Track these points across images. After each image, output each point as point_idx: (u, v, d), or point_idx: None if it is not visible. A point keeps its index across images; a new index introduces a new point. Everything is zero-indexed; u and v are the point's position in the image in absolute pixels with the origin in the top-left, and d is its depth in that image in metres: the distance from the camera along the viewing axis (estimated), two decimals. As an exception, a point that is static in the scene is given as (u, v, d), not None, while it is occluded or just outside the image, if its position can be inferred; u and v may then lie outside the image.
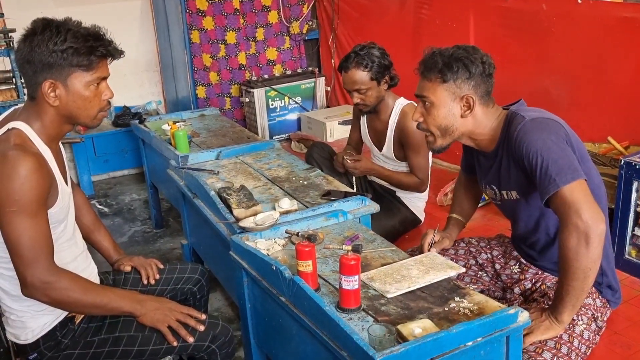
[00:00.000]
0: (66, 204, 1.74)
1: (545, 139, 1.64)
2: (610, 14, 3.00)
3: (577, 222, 1.55)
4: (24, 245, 1.55)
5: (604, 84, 3.11)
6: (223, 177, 2.56)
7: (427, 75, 1.80)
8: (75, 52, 1.60)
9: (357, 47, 2.69)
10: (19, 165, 1.53)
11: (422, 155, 2.75)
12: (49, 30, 1.59)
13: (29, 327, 1.72)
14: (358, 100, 2.73)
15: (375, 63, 2.64)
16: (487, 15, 3.67)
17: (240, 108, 5.20)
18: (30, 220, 1.55)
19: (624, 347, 1.86)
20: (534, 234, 1.87)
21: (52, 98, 1.63)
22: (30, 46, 1.59)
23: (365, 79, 2.66)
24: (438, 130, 1.83)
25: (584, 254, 1.55)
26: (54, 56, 1.59)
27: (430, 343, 1.32)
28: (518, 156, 1.69)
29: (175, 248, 3.69)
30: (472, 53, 1.78)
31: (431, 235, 1.96)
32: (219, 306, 3.00)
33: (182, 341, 1.76)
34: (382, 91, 2.73)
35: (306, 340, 1.61)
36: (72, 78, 1.63)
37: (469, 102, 1.78)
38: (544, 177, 1.61)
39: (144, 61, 5.07)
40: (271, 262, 1.66)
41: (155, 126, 3.39)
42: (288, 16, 5.23)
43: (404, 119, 2.71)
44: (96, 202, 4.50)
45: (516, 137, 1.69)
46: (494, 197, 1.94)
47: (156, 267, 2.10)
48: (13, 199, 1.53)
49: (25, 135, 1.63)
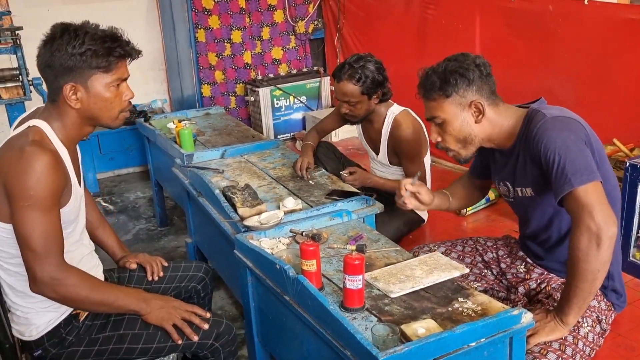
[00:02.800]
0: (77, 205, 1.76)
1: (564, 138, 1.64)
2: (617, 15, 2.99)
3: (589, 224, 1.55)
4: (35, 240, 1.56)
5: (610, 85, 3.10)
6: (228, 176, 2.57)
7: (430, 97, 1.82)
8: (93, 54, 1.62)
9: (353, 58, 2.64)
10: (35, 161, 1.54)
11: (417, 163, 2.73)
12: (67, 34, 1.61)
13: (34, 324, 1.73)
14: (346, 111, 2.70)
15: (369, 78, 2.59)
16: (493, 16, 3.67)
17: (246, 107, 5.21)
18: (44, 216, 1.57)
19: (627, 349, 1.85)
20: (545, 232, 1.87)
21: (73, 101, 1.65)
22: (50, 51, 1.61)
23: (355, 92, 2.61)
24: (458, 144, 1.84)
25: (594, 256, 1.55)
26: (74, 59, 1.61)
27: (433, 343, 1.33)
28: (535, 153, 1.69)
29: (180, 246, 3.70)
30: (464, 61, 1.79)
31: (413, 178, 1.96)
32: (223, 304, 3.01)
33: (186, 339, 1.77)
34: (372, 105, 2.68)
35: (310, 339, 1.61)
36: (92, 80, 1.65)
37: (479, 107, 1.78)
38: (559, 176, 1.61)
39: (150, 59, 5.08)
40: (275, 261, 1.67)
41: (161, 124, 3.40)
42: (294, 15, 5.23)
43: (397, 128, 2.68)
44: (101, 199, 4.51)
45: (535, 134, 1.69)
46: (506, 193, 1.93)
47: (161, 264, 2.11)
48: (28, 194, 1.54)
49: (43, 133, 1.65)
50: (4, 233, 1.63)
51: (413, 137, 2.67)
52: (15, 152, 1.57)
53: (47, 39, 1.64)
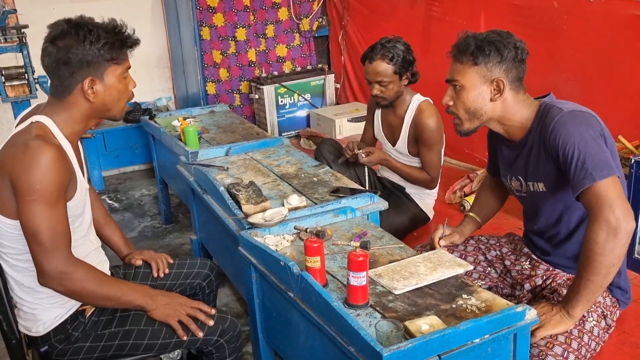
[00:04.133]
0: (83, 199, 1.77)
1: (583, 133, 1.63)
2: (622, 12, 2.98)
3: (609, 217, 1.55)
4: (43, 234, 1.57)
5: (615, 82, 3.09)
6: (232, 173, 2.58)
7: (459, 58, 1.80)
8: (111, 46, 1.65)
9: (384, 39, 2.70)
10: (40, 155, 1.55)
11: (435, 152, 2.75)
12: (81, 30, 1.62)
13: (41, 320, 1.74)
14: (378, 92, 2.73)
15: (401, 57, 2.66)
16: (498, 13, 3.66)
17: (250, 105, 5.22)
18: (50, 210, 1.57)
19: (632, 346, 1.85)
20: (554, 228, 1.86)
21: (91, 95, 1.67)
22: (65, 47, 1.62)
23: (389, 71, 2.67)
24: (466, 114, 1.83)
25: (611, 250, 1.55)
26: (92, 54, 1.63)
27: (437, 339, 1.33)
28: (552, 147, 1.68)
29: (185, 243, 3.71)
30: (506, 37, 1.78)
31: (441, 230, 1.96)
32: (228, 301, 3.02)
33: (191, 335, 1.78)
34: (402, 86, 2.74)
35: (314, 336, 1.62)
36: (107, 72, 1.69)
37: (499, 86, 1.77)
38: (579, 170, 1.60)
39: (155, 57, 5.10)
40: (280, 258, 1.67)
41: (166, 122, 3.41)
42: (298, 13, 5.23)
43: (421, 114, 2.71)
44: (106, 197, 4.53)
45: (552, 129, 1.68)
46: (518, 188, 1.92)
47: (166, 261, 2.12)
48: (34, 188, 1.55)
49: (47, 128, 1.66)
50: (10, 229, 1.64)
51: (436, 125, 2.70)
52: (19, 147, 1.58)
53: (56, 36, 1.63)
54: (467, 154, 4.05)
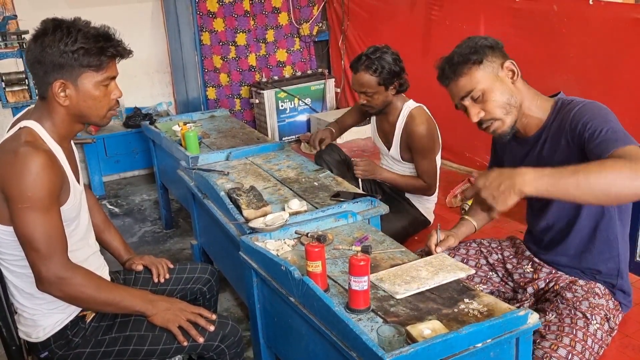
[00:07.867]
0: (78, 202, 1.76)
1: (604, 116, 1.66)
2: (622, 15, 2.98)
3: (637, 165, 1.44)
4: (38, 240, 1.57)
5: (615, 84, 3.08)
6: (233, 178, 2.57)
7: (460, 71, 1.77)
8: (86, 52, 1.61)
9: (370, 50, 2.68)
10: (30, 162, 1.54)
11: (429, 160, 2.74)
12: (59, 31, 1.60)
13: (41, 326, 1.73)
14: (364, 102, 2.75)
15: (385, 69, 2.63)
16: (497, 16, 3.66)
17: (250, 109, 5.22)
18: (44, 216, 1.57)
19: (635, 349, 1.84)
20: (560, 222, 1.86)
21: (62, 98, 1.65)
22: (42, 46, 1.60)
23: (372, 83, 2.66)
24: (502, 109, 1.78)
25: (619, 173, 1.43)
26: (65, 57, 1.60)
27: (439, 344, 1.32)
28: (575, 130, 1.68)
29: (185, 248, 3.70)
30: (474, 38, 1.81)
31: (435, 236, 1.95)
32: (229, 306, 3.01)
33: (192, 341, 1.77)
34: (389, 96, 2.73)
35: (315, 341, 1.61)
36: (82, 78, 1.65)
37: (511, 68, 1.78)
38: (606, 139, 1.58)
39: (155, 62, 5.10)
40: (281, 263, 1.67)
41: (166, 127, 3.41)
42: (298, 18, 5.24)
43: (412, 122, 2.70)
44: (107, 202, 4.53)
45: (574, 115, 1.70)
46: None
47: (166, 266, 2.12)
48: (26, 195, 1.54)
49: (36, 134, 1.65)
50: (5, 235, 1.64)
51: (427, 132, 2.69)
52: (9, 155, 1.57)
53: (38, 33, 1.63)
54: (467, 157, 4.05)
